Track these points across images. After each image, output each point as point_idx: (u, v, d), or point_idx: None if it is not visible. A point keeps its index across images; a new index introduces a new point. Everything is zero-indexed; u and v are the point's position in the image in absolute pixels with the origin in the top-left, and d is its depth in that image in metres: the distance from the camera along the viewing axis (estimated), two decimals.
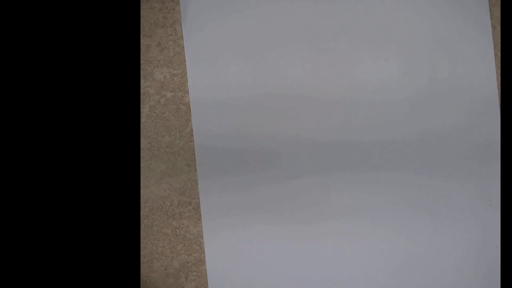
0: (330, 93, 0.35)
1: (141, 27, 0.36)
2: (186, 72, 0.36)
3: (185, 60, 0.36)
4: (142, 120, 0.36)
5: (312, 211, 0.36)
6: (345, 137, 0.35)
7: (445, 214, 0.36)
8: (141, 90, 0.36)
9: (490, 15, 0.35)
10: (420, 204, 0.36)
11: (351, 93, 0.35)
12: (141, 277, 0.37)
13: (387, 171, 0.35)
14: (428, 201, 0.36)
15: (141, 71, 0.36)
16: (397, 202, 0.36)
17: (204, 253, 0.36)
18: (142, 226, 0.37)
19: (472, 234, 0.36)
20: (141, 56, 0.36)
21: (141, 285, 0.37)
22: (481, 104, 0.35)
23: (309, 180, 0.35)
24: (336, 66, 0.35)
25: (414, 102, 0.35)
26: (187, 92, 0.36)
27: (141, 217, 0.36)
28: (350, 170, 0.35)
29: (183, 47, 0.36)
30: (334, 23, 0.35)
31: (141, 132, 0.36)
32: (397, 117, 0.35)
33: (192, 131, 0.36)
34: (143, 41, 0.36)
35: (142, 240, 0.37)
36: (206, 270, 0.36)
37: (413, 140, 0.35)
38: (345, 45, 0.35)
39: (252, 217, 0.36)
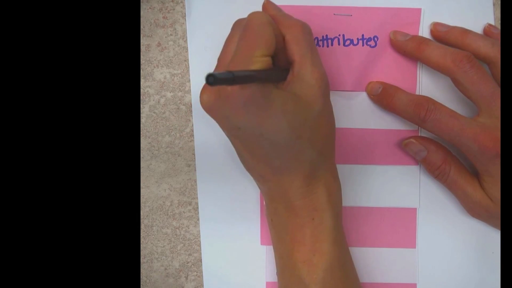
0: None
1: (141, 27, 0.36)
2: (187, 72, 0.36)
3: (185, 60, 0.36)
4: (142, 120, 0.36)
5: None
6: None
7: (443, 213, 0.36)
8: (141, 90, 0.36)
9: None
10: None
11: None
12: (141, 277, 0.37)
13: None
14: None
15: (141, 71, 0.36)
16: None
17: None
18: (142, 226, 0.37)
19: (472, 234, 0.36)
20: (141, 56, 0.36)
21: (141, 285, 0.37)
22: None
23: None
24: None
25: None
26: (187, 92, 0.36)
27: (141, 217, 0.37)
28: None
29: (183, 47, 0.36)
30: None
31: (141, 132, 0.36)
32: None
33: (192, 131, 0.36)
34: (143, 41, 0.36)
35: (142, 240, 0.37)
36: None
37: None
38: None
39: (252, 217, 0.36)
